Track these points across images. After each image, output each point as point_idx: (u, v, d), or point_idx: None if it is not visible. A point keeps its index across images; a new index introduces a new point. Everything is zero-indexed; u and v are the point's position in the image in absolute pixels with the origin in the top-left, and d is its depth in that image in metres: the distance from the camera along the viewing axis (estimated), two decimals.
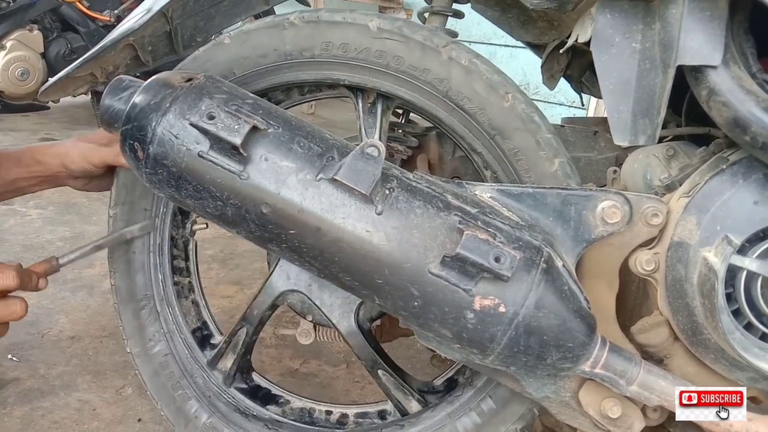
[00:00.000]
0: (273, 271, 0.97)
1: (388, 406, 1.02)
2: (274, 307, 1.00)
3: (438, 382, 1.02)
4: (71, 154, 1.01)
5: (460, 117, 0.87)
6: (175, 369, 1.01)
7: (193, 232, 1.05)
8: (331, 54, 0.87)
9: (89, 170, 1.00)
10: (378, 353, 0.99)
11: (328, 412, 1.04)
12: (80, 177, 1.03)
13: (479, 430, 0.91)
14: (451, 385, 1.00)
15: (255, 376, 1.07)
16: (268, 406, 1.04)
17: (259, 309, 0.99)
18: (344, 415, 1.03)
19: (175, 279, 1.04)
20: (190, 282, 1.07)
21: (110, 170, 1.01)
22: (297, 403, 1.06)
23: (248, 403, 1.03)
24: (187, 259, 1.06)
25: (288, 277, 0.97)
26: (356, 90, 0.91)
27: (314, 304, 0.97)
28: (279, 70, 0.89)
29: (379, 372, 0.98)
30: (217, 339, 1.05)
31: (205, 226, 1.04)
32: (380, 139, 0.92)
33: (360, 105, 0.92)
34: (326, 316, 0.97)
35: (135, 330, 1.01)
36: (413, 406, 0.98)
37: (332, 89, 0.95)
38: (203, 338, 1.05)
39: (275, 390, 1.07)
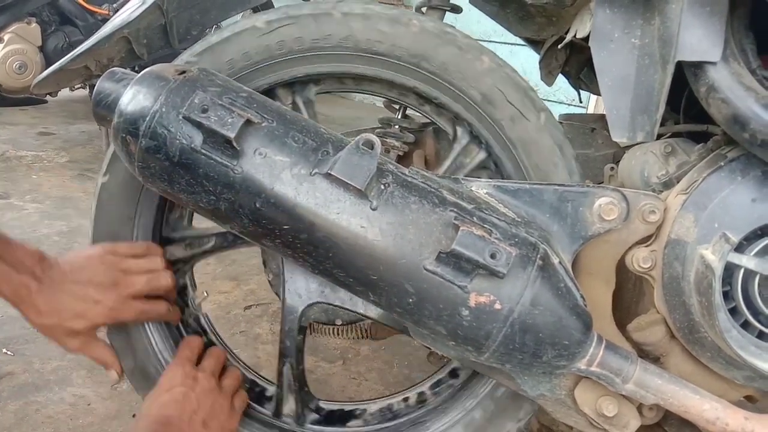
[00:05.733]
0: (284, 298, 0.93)
1: (455, 363, 0.99)
2: (302, 330, 0.95)
3: None
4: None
5: (379, 63, 0.86)
6: None
7: (198, 305, 1.01)
8: (235, 70, 0.86)
9: None
10: None
11: (405, 399, 1.02)
12: None
13: None
14: None
15: (322, 404, 1.02)
16: (348, 424, 1.01)
17: (290, 339, 0.94)
18: (421, 394, 1.00)
19: None
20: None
21: None
22: (373, 406, 1.02)
23: (329, 430, 1.00)
24: (205, 333, 1.01)
25: (299, 295, 0.92)
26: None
27: (336, 306, 0.93)
28: None
29: None
30: (271, 390, 1.02)
31: (205, 294, 0.99)
32: None
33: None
34: (352, 311, 0.93)
35: None
36: None
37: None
38: (258, 396, 1.02)
39: (348, 406, 1.03)
